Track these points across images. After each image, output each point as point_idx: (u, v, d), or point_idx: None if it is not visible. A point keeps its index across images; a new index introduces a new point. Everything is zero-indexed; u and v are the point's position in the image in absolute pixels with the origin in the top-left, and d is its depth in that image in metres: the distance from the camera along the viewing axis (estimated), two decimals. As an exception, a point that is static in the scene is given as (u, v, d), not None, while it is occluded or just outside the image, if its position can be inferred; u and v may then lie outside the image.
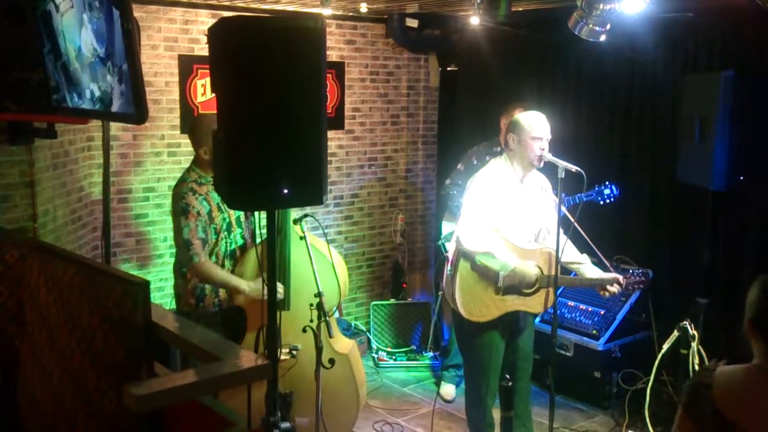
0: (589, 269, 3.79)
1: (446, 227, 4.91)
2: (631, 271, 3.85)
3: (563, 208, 3.73)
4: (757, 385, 1.96)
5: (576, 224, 3.65)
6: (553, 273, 3.63)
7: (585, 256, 3.84)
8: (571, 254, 3.76)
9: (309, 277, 3.52)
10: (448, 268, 3.79)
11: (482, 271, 3.59)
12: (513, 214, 3.65)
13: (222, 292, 3.73)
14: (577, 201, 4.43)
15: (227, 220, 3.69)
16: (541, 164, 3.66)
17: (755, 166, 4.08)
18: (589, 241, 3.86)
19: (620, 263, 4.78)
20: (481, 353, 3.75)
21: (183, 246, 3.56)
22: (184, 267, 3.67)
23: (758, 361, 2.02)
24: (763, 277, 2.06)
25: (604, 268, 3.90)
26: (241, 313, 3.77)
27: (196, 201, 3.55)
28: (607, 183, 4.56)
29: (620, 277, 3.67)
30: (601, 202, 4.42)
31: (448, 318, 5.11)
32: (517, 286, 3.63)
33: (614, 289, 3.67)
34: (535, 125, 3.61)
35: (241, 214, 3.76)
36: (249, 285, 3.61)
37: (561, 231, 3.57)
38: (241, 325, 3.78)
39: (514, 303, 3.66)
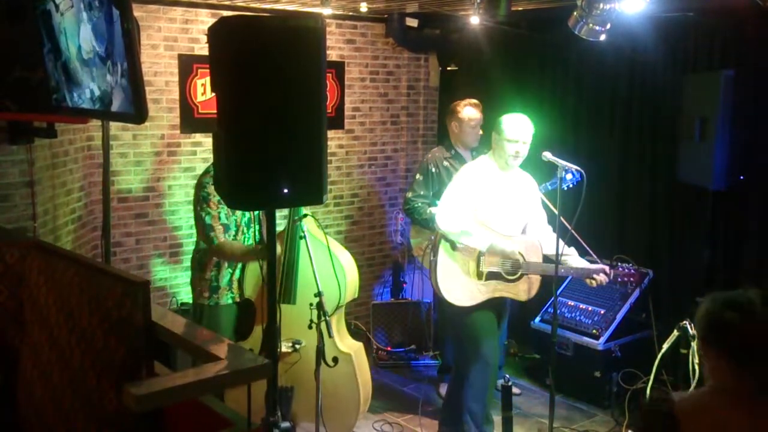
0: (575, 261, 3.82)
1: (416, 241, 4.89)
2: (621, 266, 3.85)
3: (552, 206, 3.75)
4: (724, 407, 1.89)
5: (568, 225, 3.66)
6: (534, 260, 3.68)
7: (573, 249, 3.88)
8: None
9: (320, 274, 3.54)
10: (430, 254, 3.81)
11: (465, 252, 3.62)
12: (498, 207, 3.71)
13: (235, 286, 3.80)
14: (542, 191, 4.35)
15: (247, 215, 3.75)
16: (515, 165, 3.72)
17: (756, 165, 4.08)
18: (578, 237, 3.87)
19: (620, 262, 4.78)
20: (470, 336, 3.76)
21: (204, 230, 3.63)
22: (203, 258, 3.76)
23: (715, 382, 1.95)
24: (711, 295, 2.00)
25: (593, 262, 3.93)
26: (252, 306, 3.83)
27: None
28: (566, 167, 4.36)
29: (606, 267, 3.70)
30: (565, 188, 4.28)
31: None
32: (499, 270, 3.65)
33: (601, 278, 3.68)
34: (513, 128, 3.67)
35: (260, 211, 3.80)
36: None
37: (554, 226, 3.61)
38: (252, 318, 3.85)
39: (497, 288, 3.69)
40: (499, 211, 3.71)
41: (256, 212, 3.79)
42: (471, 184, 3.69)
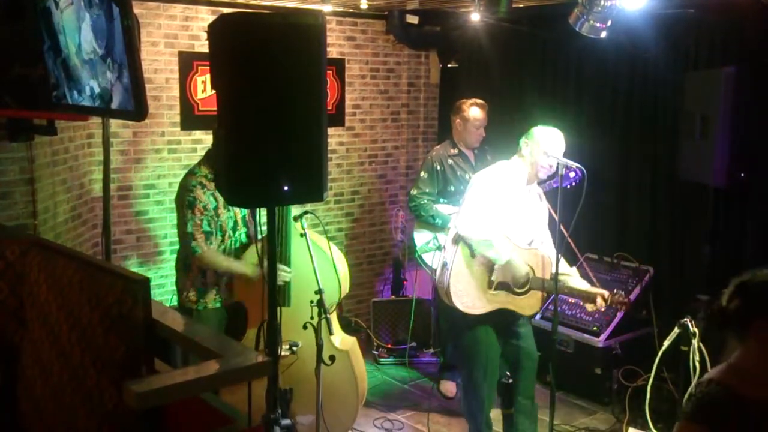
0: (576, 282, 3.80)
1: (420, 238, 4.89)
2: (615, 290, 3.82)
3: (553, 212, 3.73)
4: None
5: (568, 236, 3.64)
6: (544, 276, 3.65)
7: (574, 269, 3.87)
8: (561, 266, 3.77)
9: (310, 274, 3.52)
10: (441, 258, 3.80)
11: (481, 259, 3.60)
12: (515, 216, 3.66)
13: (223, 289, 3.75)
14: (546, 189, 4.29)
15: (234, 218, 3.71)
16: (544, 178, 3.70)
17: (757, 163, 4.07)
18: (578, 253, 3.85)
19: (621, 260, 4.78)
20: (472, 347, 3.75)
21: (186, 238, 3.59)
22: (187, 260, 3.70)
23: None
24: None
25: (591, 283, 3.92)
26: (243, 308, 3.79)
27: (203, 195, 3.57)
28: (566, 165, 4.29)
29: (605, 293, 3.67)
30: (568, 186, 4.21)
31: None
32: (509, 282, 3.65)
33: (599, 303, 3.66)
34: (555, 143, 3.63)
35: (247, 213, 3.78)
36: (253, 269, 3.63)
37: (560, 235, 3.59)
38: (243, 321, 3.80)
39: (502, 300, 3.67)
40: (515, 223, 3.66)
41: (243, 215, 3.77)
42: (496, 192, 3.62)
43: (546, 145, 3.61)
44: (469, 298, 3.66)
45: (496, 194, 3.61)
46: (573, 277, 3.82)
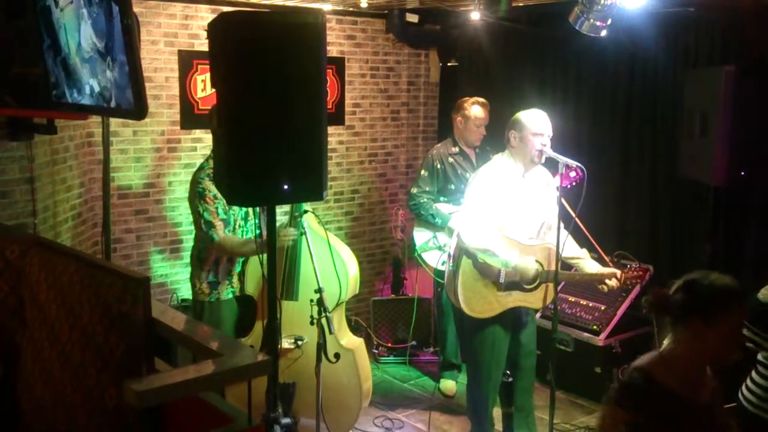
0: (588, 264, 3.79)
1: (420, 237, 4.89)
2: (629, 265, 3.83)
3: (565, 202, 3.73)
4: (698, 363, 2.20)
5: (577, 219, 3.64)
6: (553, 268, 3.63)
7: (584, 251, 3.84)
8: (571, 249, 3.76)
9: (321, 270, 3.54)
10: (450, 264, 3.79)
11: (484, 268, 3.60)
12: (515, 210, 3.65)
13: (235, 280, 3.80)
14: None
15: (244, 209, 3.73)
16: (542, 160, 3.66)
17: (757, 161, 4.07)
18: (589, 236, 3.85)
19: (621, 259, 4.78)
20: (483, 349, 3.75)
21: (204, 227, 3.63)
22: (202, 253, 3.75)
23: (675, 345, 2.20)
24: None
25: (603, 263, 3.89)
26: (252, 301, 3.82)
27: (212, 186, 3.61)
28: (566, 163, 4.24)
29: (618, 272, 3.68)
30: (568, 186, 4.17)
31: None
32: (518, 282, 3.64)
33: (612, 283, 3.67)
34: (536, 122, 3.61)
35: None
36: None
37: (562, 226, 3.57)
38: (252, 313, 3.84)
39: (515, 299, 3.66)
40: (518, 215, 3.65)
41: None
42: (492, 190, 3.61)
43: (532, 126, 3.60)
44: (479, 304, 3.65)
45: (493, 193, 3.60)
46: (584, 260, 3.81)
